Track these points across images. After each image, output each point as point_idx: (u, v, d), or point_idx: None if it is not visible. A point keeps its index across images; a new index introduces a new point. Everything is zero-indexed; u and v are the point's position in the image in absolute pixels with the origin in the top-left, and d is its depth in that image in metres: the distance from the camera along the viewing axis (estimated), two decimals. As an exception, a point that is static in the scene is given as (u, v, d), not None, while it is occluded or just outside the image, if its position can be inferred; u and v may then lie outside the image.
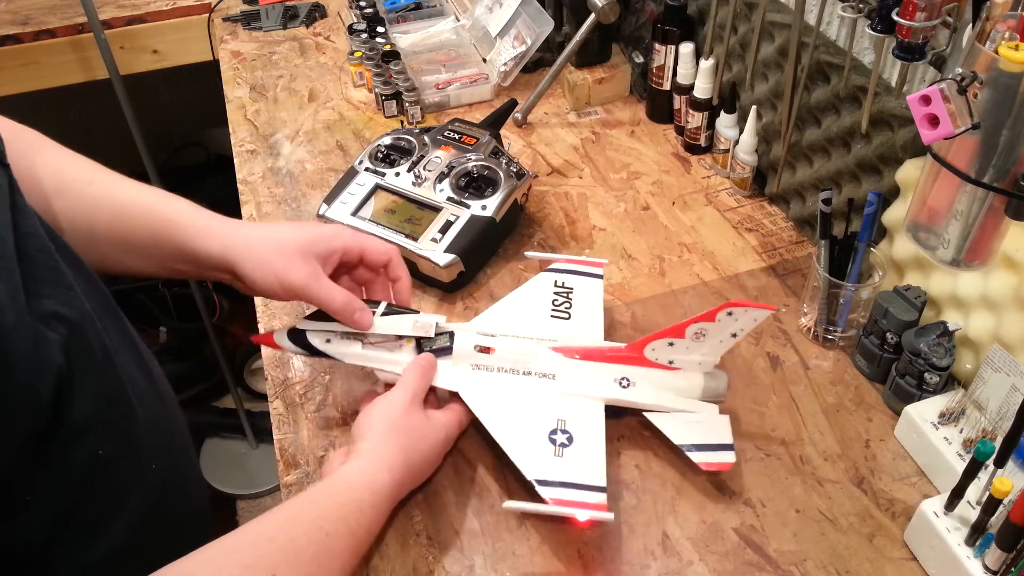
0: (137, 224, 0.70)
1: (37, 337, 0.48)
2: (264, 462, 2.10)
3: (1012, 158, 0.58)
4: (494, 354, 0.77)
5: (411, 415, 0.71)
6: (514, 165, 1.02)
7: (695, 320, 0.74)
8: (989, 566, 0.62)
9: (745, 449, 0.78)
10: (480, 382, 0.76)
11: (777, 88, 1.00)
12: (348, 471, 0.66)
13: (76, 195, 0.68)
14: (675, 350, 0.76)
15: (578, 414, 0.75)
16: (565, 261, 0.90)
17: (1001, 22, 0.55)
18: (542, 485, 0.68)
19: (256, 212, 1.09)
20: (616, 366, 0.77)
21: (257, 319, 0.94)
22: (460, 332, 0.78)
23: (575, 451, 0.71)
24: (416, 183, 1.00)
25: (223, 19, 1.56)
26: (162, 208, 0.71)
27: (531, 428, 0.73)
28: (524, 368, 0.77)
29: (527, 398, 0.76)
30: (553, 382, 0.76)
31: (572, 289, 0.87)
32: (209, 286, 2.03)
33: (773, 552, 0.70)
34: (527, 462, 0.70)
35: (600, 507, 0.67)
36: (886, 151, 0.85)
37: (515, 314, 0.84)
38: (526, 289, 0.87)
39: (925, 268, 0.83)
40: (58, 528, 0.54)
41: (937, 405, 0.76)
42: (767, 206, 1.08)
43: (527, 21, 1.25)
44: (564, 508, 0.67)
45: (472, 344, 0.77)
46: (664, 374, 0.77)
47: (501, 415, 0.74)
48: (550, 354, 0.77)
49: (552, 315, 0.84)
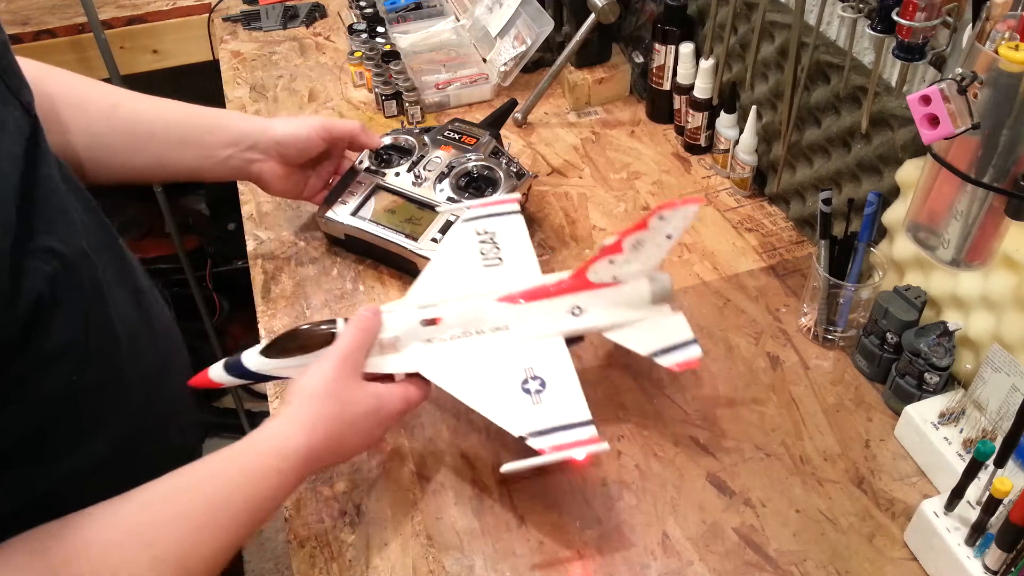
0: (196, 120, 0.88)
1: (16, 269, 0.51)
2: (264, 462, 2.10)
3: (1012, 158, 0.58)
4: (442, 323, 0.74)
5: (341, 380, 0.67)
6: (514, 165, 1.02)
7: (629, 231, 0.73)
8: (989, 566, 0.62)
9: (745, 449, 0.78)
10: (436, 355, 0.73)
11: (777, 88, 1.00)
12: (260, 435, 0.64)
13: (129, 109, 0.84)
14: (616, 266, 0.75)
15: (542, 356, 0.74)
16: (478, 207, 0.88)
17: (1001, 22, 0.55)
18: (533, 437, 0.67)
19: (256, 212, 1.09)
20: (564, 297, 0.76)
21: (257, 319, 0.94)
22: (400, 310, 0.74)
23: (551, 393, 0.71)
24: (416, 183, 1.00)
25: (223, 19, 1.56)
26: (200, 108, 0.89)
27: (502, 385, 0.71)
28: (476, 328, 0.74)
29: (488, 357, 0.74)
30: (509, 332, 0.75)
31: (495, 233, 0.85)
32: (209, 286, 2.03)
33: (773, 552, 0.70)
34: (510, 420, 0.69)
35: (593, 440, 0.67)
36: (886, 151, 0.85)
37: (447, 276, 0.81)
38: (449, 247, 0.85)
39: (925, 268, 0.83)
40: (29, 443, 0.58)
41: (937, 405, 0.76)
42: (767, 206, 1.08)
43: (527, 21, 1.25)
44: (560, 453, 0.66)
45: (416, 320, 0.73)
46: (611, 291, 0.76)
47: (468, 382, 0.72)
48: (497, 306, 0.75)
49: (485, 265, 0.82)
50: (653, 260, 0.76)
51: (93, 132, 0.80)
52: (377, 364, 0.72)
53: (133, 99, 0.85)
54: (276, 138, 0.91)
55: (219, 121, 0.89)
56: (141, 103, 0.85)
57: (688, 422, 0.81)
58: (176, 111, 0.87)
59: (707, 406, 0.83)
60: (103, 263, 0.64)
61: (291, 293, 0.97)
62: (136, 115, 0.84)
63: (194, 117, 0.88)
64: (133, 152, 0.84)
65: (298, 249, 1.03)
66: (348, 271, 1.00)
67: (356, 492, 0.76)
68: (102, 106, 0.82)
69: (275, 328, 0.93)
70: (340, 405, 0.66)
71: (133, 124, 0.83)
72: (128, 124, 0.83)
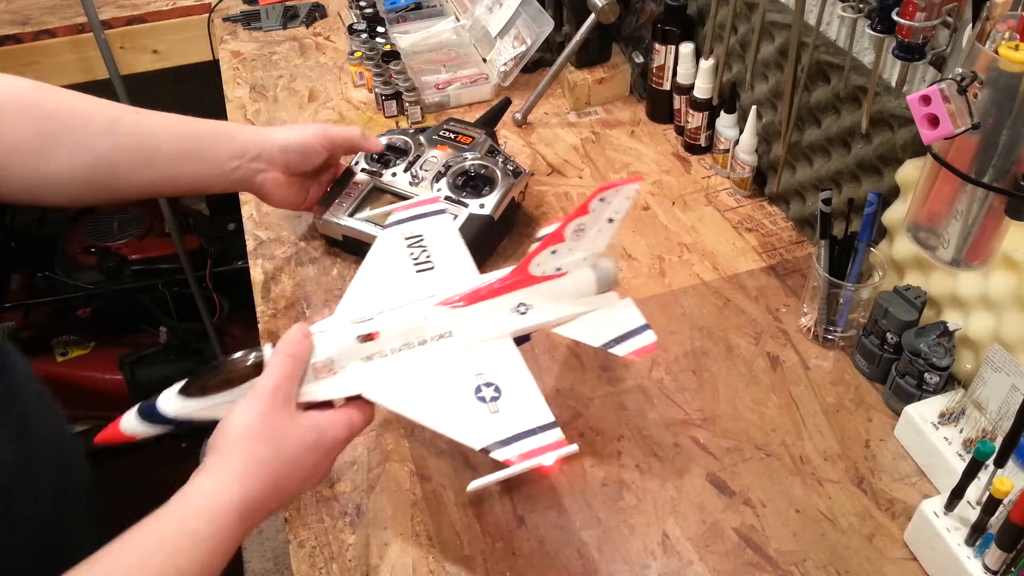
0: (200, 132, 0.86)
1: None
2: (264, 462, 2.10)
3: (1012, 158, 0.58)
4: (380, 337, 0.67)
5: (272, 415, 0.60)
6: (511, 163, 1.02)
7: (571, 218, 0.69)
8: (989, 566, 0.62)
9: (745, 449, 0.78)
10: (378, 373, 0.67)
11: (777, 88, 1.00)
12: (186, 493, 0.57)
13: (132, 123, 0.81)
14: (559, 256, 0.72)
15: (492, 360, 0.69)
16: (401, 209, 0.84)
17: (1001, 22, 0.55)
18: (496, 448, 0.62)
19: (256, 212, 1.09)
20: (507, 296, 0.72)
21: (257, 319, 0.94)
22: (332, 328, 0.67)
23: (508, 399, 0.66)
24: (413, 183, 1.00)
25: (223, 19, 1.56)
26: (199, 120, 0.87)
27: (454, 396, 0.66)
28: (418, 338, 0.68)
29: (435, 368, 0.68)
30: (453, 339, 0.69)
31: (422, 236, 0.80)
32: (209, 286, 2.03)
33: (773, 552, 0.70)
34: (468, 433, 0.64)
35: (560, 444, 0.63)
36: (886, 151, 0.85)
37: (379, 286, 0.75)
38: (377, 255, 0.79)
39: (925, 268, 0.83)
40: None
41: (937, 405, 0.75)
42: (767, 206, 1.08)
43: (527, 21, 1.25)
44: (527, 462, 0.61)
45: (352, 337, 0.67)
46: (555, 284, 0.72)
47: (417, 398, 0.66)
48: (438, 311, 0.69)
49: (417, 271, 0.77)
50: (596, 246, 0.73)
51: (97, 151, 0.77)
52: (312, 392, 0.65)
53: (132, 113, 0.82)
54: (280, 145, 0.89)
55: (222, 132, 0.88)
56: (141, 117, 0.82)
57: (688, 422, 0.81)
58: (178, 124, 0.85)
59: (707, 406, 0.83)
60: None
61: (291, 293, 0.97)
62: (139, 129, 0.81)
63: (197, 129, 0.86)
64: (138, 168, 0.81)
65: (298, 249, 1.03)
66: (348, 271, 1.00)
67: (356, 492, 0.76)
68: (102, 122, 0.79)
69: (275, 328, 0.93)
70: (275, 444, 0.59)
71: (137, 138, 0.81)
72: (132, 139, 0.80)
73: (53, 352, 2.07)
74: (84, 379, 2.05)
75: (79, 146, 0.76)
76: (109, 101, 0.83)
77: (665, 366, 0.87)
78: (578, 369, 0.86)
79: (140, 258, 2.09)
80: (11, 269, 2.20)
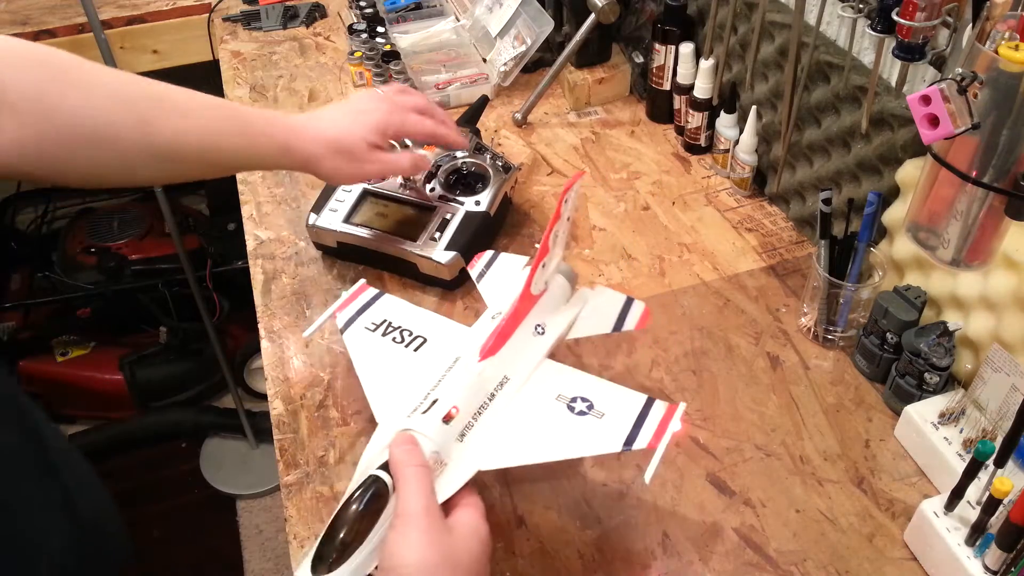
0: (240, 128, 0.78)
1: None
2: (264, 462, 2.10)
3: (1012, 158, 0.58)
4: (460, 411, 0.63)
5: (437, 540, 0.54)
6: (499, 159, 1.03)
7: (550, 228, 0.68)
8: (989, 566, 0.62)
9: (745, 449, 0.78)
10: (479, 444, 0.64)
11: (777, 88, 1.00)
12: None
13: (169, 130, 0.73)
14: (547, 269, 0.72)
15: (556, 381, 0.70)
16: (341, 309, 0.78)
17: (1001, 22, 0.55)
18: (629, 443, 0.63)
19: (256, 212, 1.09)
20: (525, 323, 0.71)
21: (257, 319, 0.94)
22: (418, 421, 0.62)
23: (601, 402, 0.67)
24: (405, 185, 1.00)
25: (223, 19, 1.56)
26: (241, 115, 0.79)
27: (558, 424, 0.66)
28: (487, 395, 0.66)
29: (518, 412, 0.67)
30: (512, 381, 0.69)
31: (387, 320, 0.77)
32: (209, 286, 2.03)
33: (773, 552, 0.70)
34: (599, 445, 0.63)
35: (672, 409, 0.65)
36: (886, 151, 0.85)
37: (396, 378, 0.71)
38: (361, 355, 0.74)
39: (925, 268, 0.83)
40: None
41: (937, 405, 0.75)
42: (767, 206, 1.08)
43: (527, 21, 1.25)
44: (664, 437, 0.62)
45: (437, 421, 0.62)
46: (548, 296, 0.74)
47: (528, 444, 0.64)
48: (484, 365, 0.67)
49: (414, 350, 0.74)
50: (560, 250, 0.74)
51: (125, 154, 0.71)
52: (444, 491, 0.60)
53: (165, 113, 0.72)
54: (324, 151, 0.82)
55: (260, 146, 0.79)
56: (176, 121, 0.73)
57: (688, 422, 0.81)
58: (217, 123, 0.76)
59: (707, 406, 0.83)
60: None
61: (291, 293, 0.97)
62: (176, 138, 0.73)
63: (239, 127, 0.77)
64: (169, 169, 0.75)
65: (298, 249, 1.03)
66: (348, 271, 1.00)
67: (356, 492, 0.76)
68: (133, 128, 0.70)
69: (275, 328, 0.93)
70: (452, 566, 0.53)
71: (170, 148, 0.73)
72: (164, 149, 0.73)
73: (53, 352, 2.07)
74: (84, 379, 2.05)
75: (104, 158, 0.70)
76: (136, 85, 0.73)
77: (665, 366, 0.87)
78: (578, 369, 0.86)
79: (140, 258, 2.09)
80: (11, 269, 2.20)
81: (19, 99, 0.63)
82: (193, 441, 2.15)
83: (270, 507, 2.03)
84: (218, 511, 2.03)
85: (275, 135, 0.80)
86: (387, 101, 0.87)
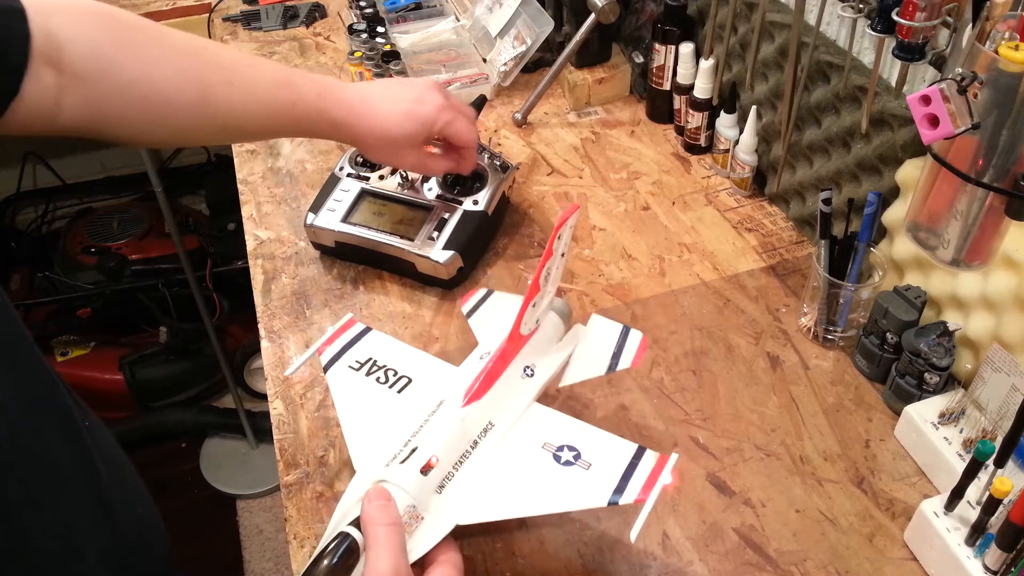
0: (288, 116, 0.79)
1: None
2: (264, 462, 2.10)
3: (1012, 158, 0.58)
4: (439, 461, 0.61)
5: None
6: (497, 159, 1.02)
7: (541, 267, 0.66)
8: (989, 566, 0.62)
9: (745, 449, 0.78)
10: (457, 495, 0.61)
11: (777, 88, 1.00)
12: None
13: (224, 102, 0.75)
14: (538, 308, 0.70)
15: (542, 428, 0.66)
16: (326, 345, 0.75)
17: (1001, 22, 0.55)
18: (616, 496, 0.59)
19: (256, 212, 1.09)
20: (512, 365, 0.68)
21: (257, 319, 0.94)
22: (395, 472, 0.59)
23: (588, 452, 0.63)
24: (403, 184, 1.00)
25: (223, 19, 1.56)
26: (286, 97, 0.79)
27: (542, 475, 0.62)
28: (468, 443, 0.63)
29: (501, 462, 0.64)
30: (496, 428, 0.65)
31: (372, 359, 0.73)
32: (209, 286, 2.03)
33: (773, 552, 0.70)
34: (584, 499, 0.60)
35: (663, 460, 0.60)
36: (886, 151, 0.85)
37: (376, 422, 0.68)
38: (343, 395, 0.71)
39: (925, 268, 0.83)
40: None
41: (937, 405, 0.76)
42: (767, 206, 1.08)
43: (527, 21, 1.25)
44: (653, 491, 0.59)
45: (415, 472, 0.59)
46: (539, 336, 0.71)
47: (509, 497, 0.61)
48: (468, 411, 0.64)
49: (398, 391, 0.71)
50: (553, 287, 0.72)
51: (180, 126, 0.73)
52: (418, 548, 0.57)
53: (225, 90, 0.74)
54: (373, 142, 0.84)
55: (318, 105, 0.80)
56: (231, 92, 0.74)
57: (688, 422, 0.81)
58: (273, 106, 0.77)
59: (707, 406, 0.83)
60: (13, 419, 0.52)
61: (291, 293, 0.97)
62: (231, 112, 0.74)
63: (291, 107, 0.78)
64: (221, 139, 0.83)
65: (298, 249, 1.03)
66: (348, 271, 1.00)
67: (356, 492, 0.76)
68: (189, 99, 0.72)
69: (275, 328, 0.93)
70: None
71: (224, 122, 0.75)
72: (219, 122, 0.75)
73: (53, 352, 2.08)
74: (84, 379, 2.05)
75: (157, 121, 0.72)
76: (191, 56, 0.74)
77: (665, 366, 0.87)
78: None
79: (140, 258, 2.09)
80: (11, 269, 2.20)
81: (79, 58, 0.64)
82: (193, 441, 2.16)
83: (270, 507, 2.03)
84: (218, 511, 2.03)
85: (329, 112, 0.80)
86: (443, 95, 0.87)
